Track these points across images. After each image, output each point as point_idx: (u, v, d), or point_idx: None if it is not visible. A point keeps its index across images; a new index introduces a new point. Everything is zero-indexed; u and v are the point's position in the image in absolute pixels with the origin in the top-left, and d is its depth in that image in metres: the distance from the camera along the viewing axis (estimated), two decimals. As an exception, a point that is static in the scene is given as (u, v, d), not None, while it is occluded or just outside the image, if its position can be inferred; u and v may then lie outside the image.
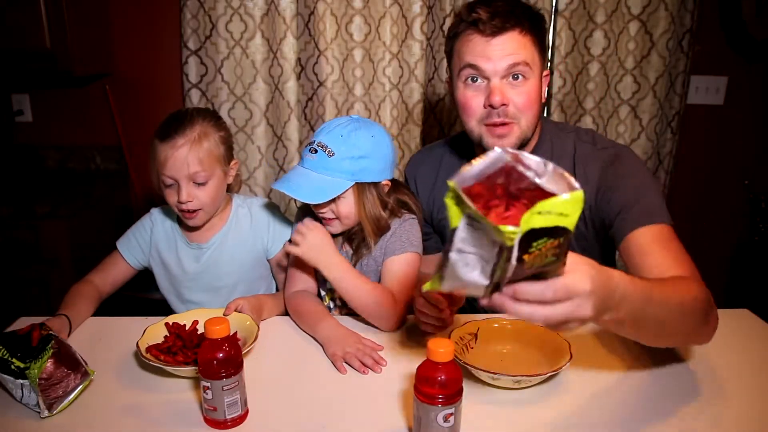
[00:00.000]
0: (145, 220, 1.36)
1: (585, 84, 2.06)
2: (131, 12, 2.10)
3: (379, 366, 1.00)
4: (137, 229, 1.35)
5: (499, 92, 1.08)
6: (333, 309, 1.28)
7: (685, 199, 2.31)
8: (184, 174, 1.18)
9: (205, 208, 1.23)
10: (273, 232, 1.33)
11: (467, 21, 1.09)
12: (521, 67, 1.08)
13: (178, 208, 1.22)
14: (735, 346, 1.08)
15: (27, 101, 2.20)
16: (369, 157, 1.14)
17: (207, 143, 1.20)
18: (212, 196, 1.23)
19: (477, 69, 1.09)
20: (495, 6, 1.07)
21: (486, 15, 1.06)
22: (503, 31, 1.06)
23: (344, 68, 2.02)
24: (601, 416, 0.88)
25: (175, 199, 1.20)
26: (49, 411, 0.87)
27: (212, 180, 1.22)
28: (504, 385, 0.93)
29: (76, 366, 0.91)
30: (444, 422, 0.76)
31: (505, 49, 1.07)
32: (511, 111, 1.10)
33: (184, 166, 1.17)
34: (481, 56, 1.08)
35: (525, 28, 1.08)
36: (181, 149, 1.17)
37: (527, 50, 1.09)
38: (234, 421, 0.85)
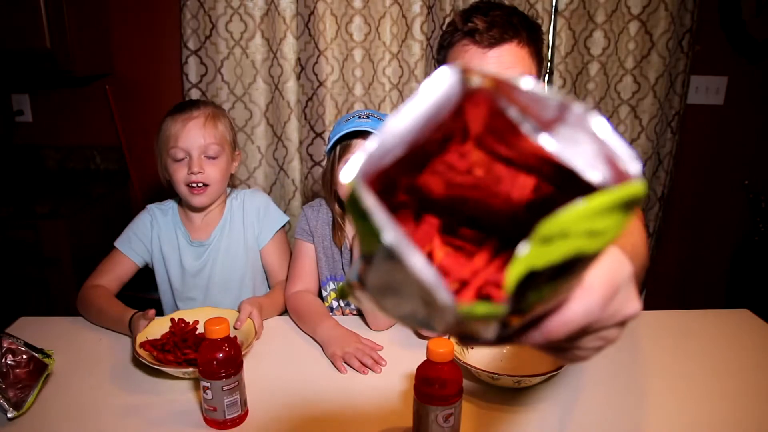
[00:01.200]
0: (143, 216, 1.34)
1: (585, 84, 2.06)
2: (131, 12, 2.10)
3: (378, 366, 1.00)
4: (136, 226, 1.33)
5: None
6: (335, 309, 1.28)
7: (685, 199, 2.31)
8: (198, 144, 1.19)
9: (213, 185, 1.22)
10: (262, 221, 1.32)
11: (463, 31, 1.06)
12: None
13: (186, 183, 1.21)
14: (735, 346, 1.08)
15: (27, 101, 2.20)
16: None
17: (220, 123, 1.23)
18: (221, 174, 1.23)
19: None
20: (492, 16, 1.04)
21: (483, 25, 1.03)
22: (501, 42, 1.04)
23: (344, 68, 2.02)
24: (601, 416, 0.88)
25: (185, 172, 1.20)
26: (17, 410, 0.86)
27: (222, 157, 1.22)
28: (504, 385, 0.93)
29: (30, 359, 0.91)
30: (444, 422, 0.76)
31: (502, 62, 1.05)
32: None
33: (199, 137, 1.19)
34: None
35: (523, 39, 1.06)
36: (197, 120, 1.19)
37: (524, 63, 1.06)
38: (234, 421, 0.85)
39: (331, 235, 1.26)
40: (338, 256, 1.25)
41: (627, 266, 0.39)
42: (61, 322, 1.19)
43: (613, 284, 0.36)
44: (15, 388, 0.87)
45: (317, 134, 2.04)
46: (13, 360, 0.89)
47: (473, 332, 0.30)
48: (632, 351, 1.06)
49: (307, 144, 2.06)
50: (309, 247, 1.27)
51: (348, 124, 1.16)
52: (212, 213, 1.30)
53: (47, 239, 1.81)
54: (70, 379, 0.98)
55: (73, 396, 0.93)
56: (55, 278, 1.84)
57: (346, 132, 1.14)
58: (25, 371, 0.90)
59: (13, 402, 0.86)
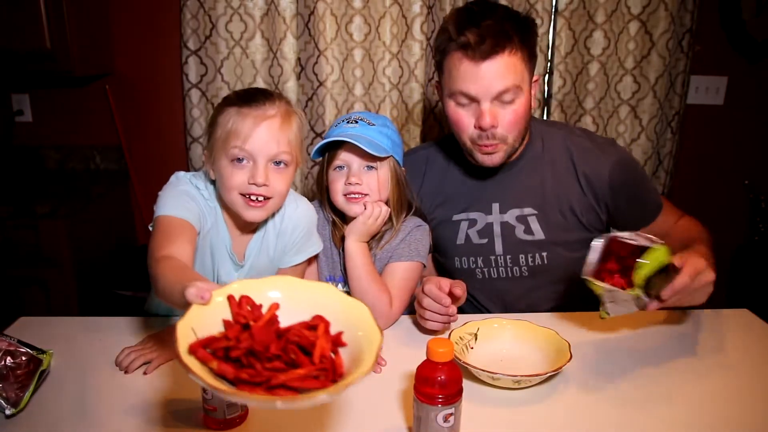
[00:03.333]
0: (184, 185, 1.03)
1: (585, 84, 2.06)
2: (131, 12, 2.10)
3: (379, 366, 1.00)
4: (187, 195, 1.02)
5: (489, 114, 1.11)
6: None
7: (685, 199, 2.30)
8: (269, 151, 0.97)
9: (275, 199, 1.01)
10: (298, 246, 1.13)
11: (456, 42, 1.09)
12: (511, 90, 1.10)
13: (243, 193, 0.99)
14: (735, 346, 1.08)
15: (27, 101, 2.20)
16: (395, 139, 1.21)
17: (295, 124, 1.02)
18: (287, 186, 1.03)
19: (467, 95, 1.12)
20: (484, 27, 1.06)
21: (475, 39, 1.06)
22: (493, 54, 1.07)
23: (344, 68, 2.02)
24: (601, 416, 0.88)
25: (244, 179, 0.98)
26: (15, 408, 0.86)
27: (291, 166, 1.02)
28: (504, 385, 0.93)
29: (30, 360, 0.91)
30: (444, 422, 0.76)
31: (495, 74, 1.08)
32: (499, 132, 1.14)
33: (271, 142, 0.97)
34: (471, 83, 1.10)
35: (515, 46, 1.09)
36: (273, 120, 0.97)
37: (517, 71, 1.10)
38: (234, 421, 0.85)
39: (330, 235, 1.25)
40: (338, 257, 1.25)
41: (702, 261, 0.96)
42: (61, 322, 1.19)
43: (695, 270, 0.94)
44: (14, 388, 0.87)
45: (317, 134, 2.04)
46: (12, 362, 0.89)
47: (638, 305, 0.95)
48: (632, 351, 1.06)
49: (307, 144, 2.06)
50: None
51: (337, 129, 1.17)
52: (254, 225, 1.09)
53: (47, 239, 1.81)
54: (70, 379, 0.98)
55: (73, 396, 0.93)
56: (55, 278, 1.84)
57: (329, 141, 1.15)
58: (25, 371, 0.90)
59: (12, 401, 0.86)
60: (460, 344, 1.00)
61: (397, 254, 1.19)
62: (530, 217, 1.24)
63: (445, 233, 1.31)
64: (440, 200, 1.32)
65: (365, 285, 1.13)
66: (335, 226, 1.24)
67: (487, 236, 1.27)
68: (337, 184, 1.18)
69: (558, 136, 1.26)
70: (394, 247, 1.20)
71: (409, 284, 1.18)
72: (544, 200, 1.24)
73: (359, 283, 1.14)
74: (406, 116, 2.06)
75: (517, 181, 1.25)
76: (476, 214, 1.28)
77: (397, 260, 1.19)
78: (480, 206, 1.27)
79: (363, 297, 1.13)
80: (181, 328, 0.58)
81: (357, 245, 1.16)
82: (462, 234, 1.29)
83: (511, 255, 1.26)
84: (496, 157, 1.18)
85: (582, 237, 1.24)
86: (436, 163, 1.34)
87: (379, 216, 1.17)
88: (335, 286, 1.23)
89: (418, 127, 2.07)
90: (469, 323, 1.06)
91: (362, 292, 1.13)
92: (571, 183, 1.24)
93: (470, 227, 1.28)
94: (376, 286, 1.13)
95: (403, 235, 1.21)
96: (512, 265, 1.27)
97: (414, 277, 1.20)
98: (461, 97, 1.13)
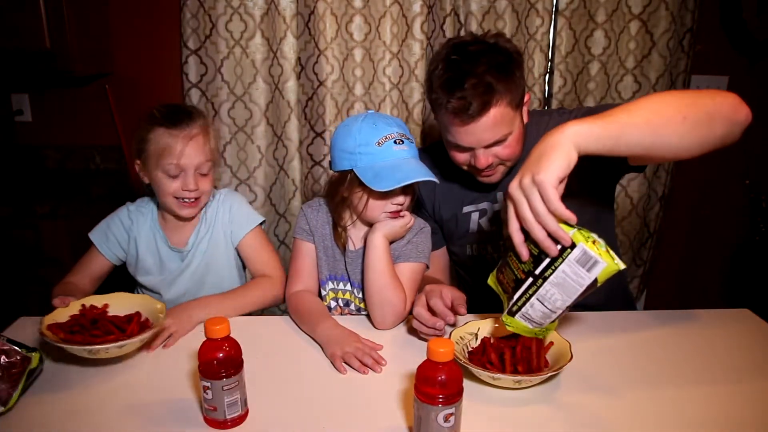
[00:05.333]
0: (121, 214, 1.35)
1: (585, 84, 2.06)
2: (131, 12, 2.10)
3: (379, 366, 1.00)
4: (113, 224, 1.34)
5: (485, 160, 1.17)
6: (333, 309, 1.28)
7: (686, 199, 2.31)
8: (195, 163, 1.21)
9: (203, 197, 1.27)
10: (234, 218, 1.33)
11: (444, 106, 1.13)
12: (503, 138, 1.15)
13: (177, 197, 1.23)
14: (735, 346, 1.08)
15: (27, 101, 2.20)
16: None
17: (212, 137, 1.26)
18: (211, 185, 1.28)
19: (461, 147, 1.18)
20: (468, 89, 1.09)
21: (459, 104, 1.10)
22: (480, 115, 1.11)
23: (344, 68, 2.01)
24: (601, 416, 0.88)
25: (178, 186, 1.22)
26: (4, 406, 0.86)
27: (212, 171, 1.27)
28: (504, 385, 0.93)
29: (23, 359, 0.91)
30: (444, 422, 0.75)
31: (484, 129, 1.13)
32: (496, 163, 1.20)
33: (197, 156, 1.21)
34: (464, 138, 1.16)
35: (500, 96, 1.11)
36: (197, 138, 1.21)
37: (506, 119, 1.14)
38: (234, 421, 0.85)
39: (332, 234, 1.25)
40: (339, 256, 1.25)
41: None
42: (61, 322, 1.18)
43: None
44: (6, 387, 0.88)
45: (317, 134, 2.04)
46: (6, 360, 0.89)
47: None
48: (632, 351, 1.06)
49: (307, 144, 2.06)
50: (309, 246, 1.27)
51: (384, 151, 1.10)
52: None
53: (47, 239, 1.81)
54: (70, 379, 0.98)
55: (73, 396, 0.93)
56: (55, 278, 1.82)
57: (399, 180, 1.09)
58: (19, 370, 0.90)
59: (2, 399, 0.86)
60: (460, 344, 1.00)
61: (405, 255, 1.20)
62: None
63: (457, 225, 1.36)
64: (449, 197, 1.36)
65: (386, 281, 1.13)
66: (336, 227, 1.24)
67: (496, 223, 1.31)
68: (380, 203, 1.15)
69: (550, 119, 1.28)
70: (401, 247, 1.21)
71: (415, 284, 1.20)
72: None
73: (380, 279, 1.13)
74: (406, 116, 2.06)
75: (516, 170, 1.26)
76: (485, 204, 1.32)
77: (405, 261, 1.20)
78: (486, 197, 1.32)
79: (381, 292, 1.13)
80: (46, 318, 1.02)
81: (382, 241, 1.15)
82: (474, 224, 1.34)
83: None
84: (494, 178, 1.24)
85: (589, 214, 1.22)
86: (440, 162, 1.35)
87: (410, 225, 1.20)
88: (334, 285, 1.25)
89: (418, 127, 2.07)
90: (469, 323, 1.06)
91: (381, 287, 1.13)
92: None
93: (481, 217, 1.33)
94: (395, 283, 1.14)
95: (410, 236, 1.22)
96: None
97: (419, 277, 1.22)
98: (455, 145, 1.19)
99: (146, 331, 0.99)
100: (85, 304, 1.07)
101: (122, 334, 0.99)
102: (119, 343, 0.95)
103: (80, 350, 0.95)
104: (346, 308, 1.27)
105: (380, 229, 1.16)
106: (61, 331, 0.99)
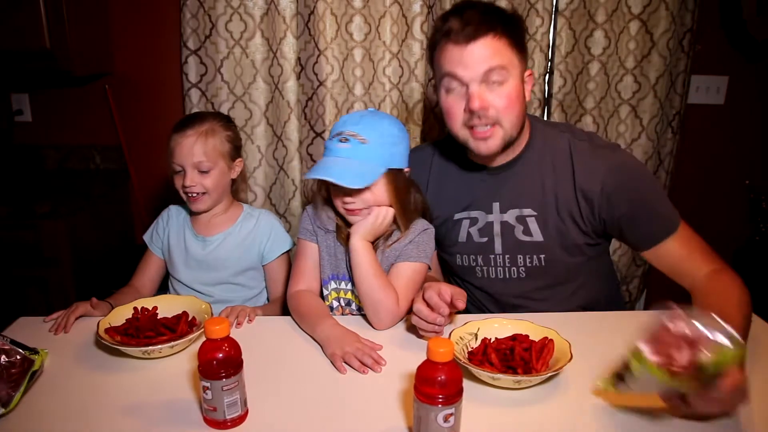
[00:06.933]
0: (163, 214, 1.50)
1: (585, 84, 2.06)
2: (131, 12, 2.09)
3: (378, 365, 1.00)
4: (157, 223, 1.49)
5: (478, 97, 1.11)
6: (335, 309, 1.28)
7: (686, 199, 2.30)
8: (190, 162, 1.33)
9: (209, 193, 1.37)
10: (272, 241, 1.45)
11: (442, 31, 1.12)
12: (498, 71, 1.10)
13: (183, 192, 1.37)
14: (735, 346, 1.08)
15: (26, 101, 2.20)
16: (398, 143, 1.18)
17: (213, 139, 1.35)
18: (215, 184, 1.37)
19: (455, 77, 1.12)
20: (467, 15, 1.09)
21: (458, 25, 1.09)
22: (476, 38, 1.09)
23: (344, 68, 2.01)
24: (601, 416, 0.88)
25: (181, 182, 1.35)
26: (5, 407, 0.86)
27: (215, 170, 1.36)
28: (504, 385, 0.93)
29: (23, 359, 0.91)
30: (444, 422, 0.75)
31: (479, 55, 1.10)
32: (492, 114, 1.12)
33: (190, 155, 1.33)
34: (457, 64, 1.11)
35: (498, 32, 1.10)
36: (189, 139, 1.33)
37: (503, 54, 1.11)
38: (234, 421, 0.85)
39: (335, 233, 1.25)
40: (342, 255, 1.25)
41: (742, 375, 0.81)
42: (61, 322, 1.18)
43: (735, 385, 0.79)
44: (7, 387, 0.87)
45: (317, 134, 2.04)
46: (6, 360, 0.89)
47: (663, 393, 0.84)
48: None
49: (307, 144, 2.06)
50: (312, 246, 1.27)
51: (329, 147, 1.16)
52: (219, 218, 1.44)
53: (47, 239, 1.81)
54: (70, 379, 0.98)
55: (73, 396, 0.93)
56: (55, 278, 1.84)
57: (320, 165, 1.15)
58: (19, 371, 0.90)
59: (3, 400, 0.86)
60: (460, 344, 1.00)
61: (405, 254, 1.20)
62: (529, 218, 1.24)
63: (448, 231, 1.32)
64: (442, 199, 1.32)
65: (372, 282, 1.13)
66: (339, 226, 1.25)
67: (487, 235, 1.27)
68: (336, 201, 1.20)
69: (560, 137, 1.24)
70: (402, 247, 1.21)
71: (415, 284, 1.19)
72: (544, 202, 1.23)
73: (366, 281, 1.14)
74: (406, 116, 2.06)
75: (517, 181, 1.24)
76: (477, 213, 1.28)
77: (405, 260, 1.19)
78: (481, 205, 1.27)
79: (370, 294, 1.13)
80: (102, 322, 1.08)
81: (362, 243, 1.16)
82: (464, 232, 1.29)
83: (510, 255, 1.26)
84: (491, 143, 1.15)
85: (581, 242, 1.23)
86: (439, 161, 1.34)
87: (384, 218, 1.18)
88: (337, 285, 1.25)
89: (418, 127, 2.07)
90: (469, 323, 1.06)
91: (369, 289, 1.13)
92: (569, 187, 1.21)
93: (471, 225, 1.28)
94: (382, 283, 1.14)
95: (412, 236, 1.21)
96: (510, 265, 1.27)
97: (419, 278, 1.20)
98: (450, 80, 1.13)
99: (194, 330, 1.07)
100: (137, 307, 1.13)
101: (173, 334, 1.06)
102: (171, 343, 1.02)
103: (136, 351, 1.01)
104: (348, 308, 1.27)
105: (356, 232, 1.16)
106: (117, 333, 1.06)
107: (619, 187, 1.17)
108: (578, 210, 1.21)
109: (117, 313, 1.12)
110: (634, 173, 1.20)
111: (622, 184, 1.17)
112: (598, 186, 1.17)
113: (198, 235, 1.43)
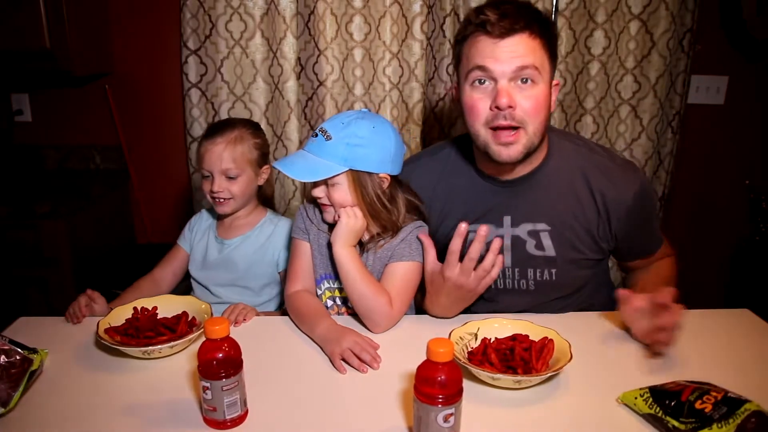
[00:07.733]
0: (196, 215, 1.55)
1: (585, 83, 2.06)
2: (131, 12, 2.10)
3: (376, 362, 1.00)
4: (190, 221, 1.54)
5: (507, 94, 1.06)
6: (330, 308, 1.27)
7: (686, 199, 2.31)
8: (218, 168, 1.36)
9: (235, 198, 1.40)
10: (287, 249, 1.43)
11: (475, 23, 1.07)
12: (530, 70, 1.06)
13: (210, 196, 1.40)
14: (735, 346, 1.08)
15: (26, 101, 2.20)
16: (365, 146, 1.12)
17: (241, 146, 1.38)
18: (242, 190, 1.40)
19: (485, 70, 1.07)
20: (504, 8, 1.05)
21: (494, 17, 1.05)
22: (512, 33, 1.05)
23: (344, 68, 2.01)
24: (601, 417, 0.88)
25: (209, 187, 1.39)
26: (4, 407, 0.86)
27: (242, 176, 1.39)
28: (504, 385, 0.93)
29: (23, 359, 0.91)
30: (444, 422, 0.75)
31: (514, 51, 1.05)
32: (518, 115, 1.07)
33: (218, 162, 1.36)
34: (490, 57, 1.06)
35: (535, 31, 1.06)
36: (218, 146, 1.36)
37: (537, 54, 1.07)
38: (234, 421, 0.85)
39: (327, 232, 1.25)
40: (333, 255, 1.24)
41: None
42: (61, 323, 1.19)
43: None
44: (6, 387, 0.88)
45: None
46: (6, 360, 0.89)
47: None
48: (632, 351, 1.06)
49: (307, 144, 2.06)
50: (305, 245, 1.26)
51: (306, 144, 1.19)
52: (240, 221, 1.46)
53: (47, 239, 1.81)
54: (70, 379, 0.98)
55: (72, 396, 0.93)
56: (55, 278, 1.84)
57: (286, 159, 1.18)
58: (19, 370, 0.90)
59: (3, 400, 0.86)
60: (460, 344, 1.00)
61: (398, 254, 1.18)
62: (543, 233, 1.21)
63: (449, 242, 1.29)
64: (451, 210, 1.28)
65: (362, 289, 1.12)
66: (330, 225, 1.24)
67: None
68: (310, 194, 1.22)
69: (576, 151, 1.22)
70: (395, 246, 1.19)
71: (409, 284, 1.17)
72: (559, 217, 1.20)
73: (355, 288, 1.13)
74: (406, 116, 2.06)
75: (531, 195, 1.21)
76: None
77: (398, 260, 1.18)
78: (491, 218, 1.23)
79: (361, 301, 1.13)
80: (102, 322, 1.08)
81: (345, 251, 1.14)
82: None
83: (520, 268, 1.24)
84: (513, 150, 1.10)
85: (592, 256, 1.23)
86: (449, 170, 1.30)
87: (355, 217, 1.16)
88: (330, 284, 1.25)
89: (418, 127, 2.07)
90: (469, 323, 1.06)
91: (359, 296, 1.13)
92: (588, 202, 1.19)
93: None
94: (372, 288, 1.13)
95: (404, 235, 1.20)
96: (520, 278, 1.25)
97: (414, 277, 1.19)
98: (478, 73, 1.08)
99: (194, 330, 1.07)
100: (136, 307, 1.13)
101: (173, 335, 1.06)
102: (171, 343, 1.02)
103: (136, 351, 1.01)
104: (344, 306, 1.27)
105: (335, 241, 1.15)
106: (117, 334, 1.06)
107: (641, 208, 1.21)
108: (596, 225, 1.21)
109: (117, 313, 1.12)
110: (652, 198, 1.27)
111: (644, 206, 1.22)
112: (627, 202, 1.18)
113: (218, 238, 1.47)
